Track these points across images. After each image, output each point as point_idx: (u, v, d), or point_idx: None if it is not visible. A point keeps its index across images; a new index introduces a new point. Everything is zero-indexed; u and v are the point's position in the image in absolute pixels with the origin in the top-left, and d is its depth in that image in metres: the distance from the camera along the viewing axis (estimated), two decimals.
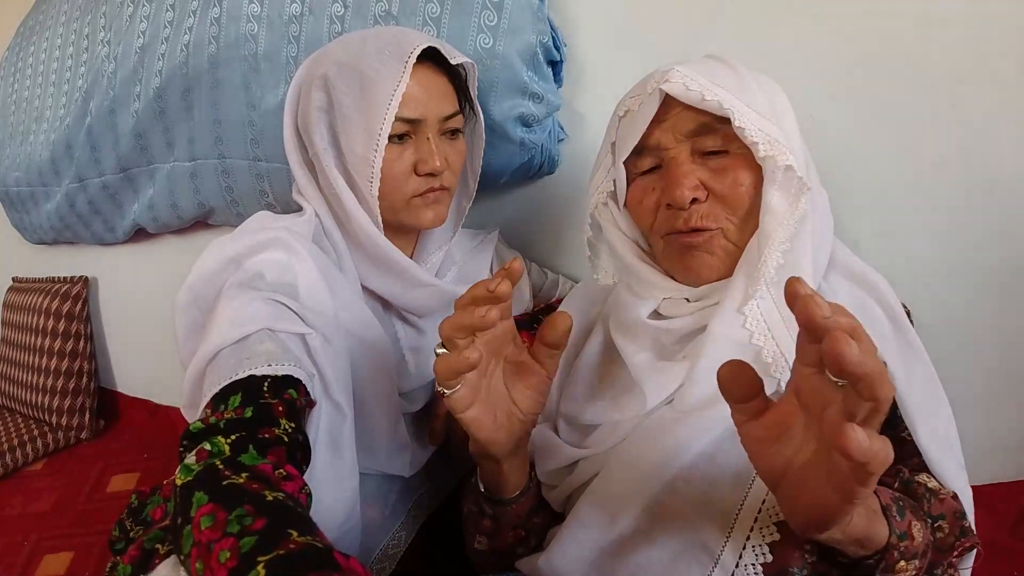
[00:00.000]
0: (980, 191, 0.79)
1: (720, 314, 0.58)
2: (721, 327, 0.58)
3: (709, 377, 0.55)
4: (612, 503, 0.59)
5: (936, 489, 0.58)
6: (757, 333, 0.57)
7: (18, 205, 1.77)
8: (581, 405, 0.69)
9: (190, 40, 1.13)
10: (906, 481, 0.59)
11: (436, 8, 0.89)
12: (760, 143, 0.56)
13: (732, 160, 0.59)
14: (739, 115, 0.56)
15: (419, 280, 0.79)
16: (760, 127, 0.56)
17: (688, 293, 0.64)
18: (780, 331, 0.57)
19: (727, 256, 0.61)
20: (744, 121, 0.56)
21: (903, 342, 0.63)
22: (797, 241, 0.58)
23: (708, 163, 0.60)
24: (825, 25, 0.83)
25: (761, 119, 0.57)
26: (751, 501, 0.55)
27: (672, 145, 0.61)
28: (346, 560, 0.39)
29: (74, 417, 1.73)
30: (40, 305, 1.79)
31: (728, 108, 0.56)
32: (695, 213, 0.60)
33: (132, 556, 0.57)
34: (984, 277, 0.81)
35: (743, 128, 0.55)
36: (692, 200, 0.59)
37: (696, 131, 0.59)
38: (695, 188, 0.59)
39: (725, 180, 0.59)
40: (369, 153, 0.69)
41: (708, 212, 0.60)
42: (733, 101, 0.56)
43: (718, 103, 0.56)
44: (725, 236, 0.61)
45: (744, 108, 0.56)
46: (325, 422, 0.65)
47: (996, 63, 0.76)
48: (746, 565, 0.54)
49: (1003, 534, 0.83)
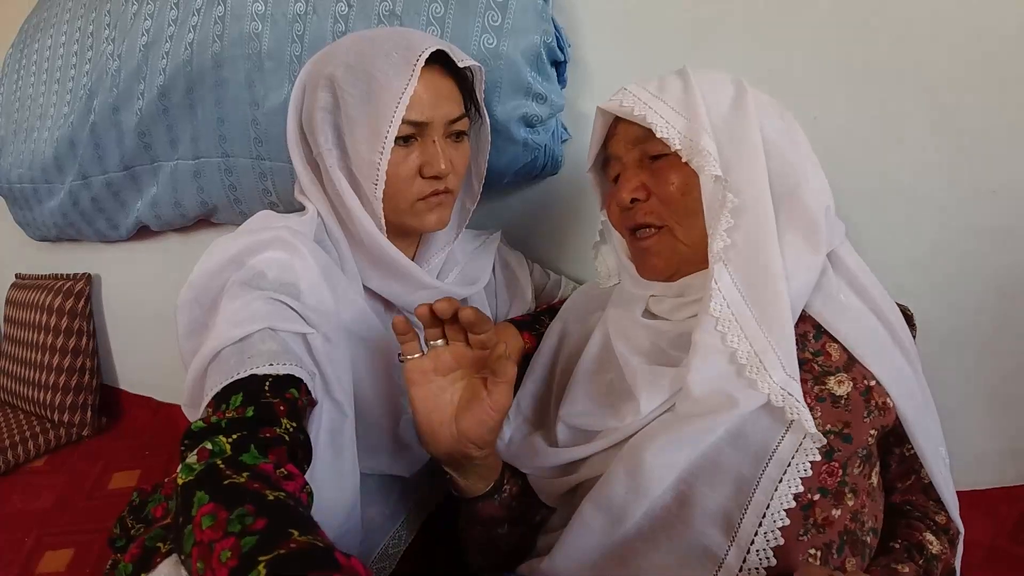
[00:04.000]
0: (981, 195, 0.79)
1: (700, 321, 0.60)
2: (701, 335, 0.59)
3: (701, 388, 0.57)
4: (615, 507, 0.60)
5: (939, 554, 0.63)
6: (730, 334, 0.58)
7: (21, 202, 1.78)
8: (580, 411, 0.69)
9: (194, 38, 1.13)
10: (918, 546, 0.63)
11: (440, 8, 0.89)
12: (683, 149, 0.62)
13: (670, 161, 0.65)
14: (661, 127, 0.63)
15: (421, 282, 0.78)
16: (687, 135, 0.62)
17: (665, 289, 0.68)
18: (751, 327, 0.58)
19: (676, 254, 0.66)
20: (667, 132, 0.63)
21: (903, 354, 0.64)
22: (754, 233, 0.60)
23: (652, 166, 0.67)
24: (827, 28, 0.83)
25: (690, 126, 0.63)
26: (755, 505, 0.56)
27: (623, 153, 0.69)
28: (347, 559, 0.39)
29: (76, 414, 1.74)
30: (43, 302, 1.79)
31: (651, 121, 0.63)
32: (638, 211, 0.67)
33: (133, 555, 0.57)
34: (985, 280, 0.81)
35: (667, 138, 0.63)
36: (633, 200, 0.66)
37: (641, 138, 0.67)
38: (635, 189, 0.66)
39: (660, 180, 0.65)
40: (374, 156, 0.69)
41: (650, 210, 0.66)
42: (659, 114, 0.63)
43: (643, 116, 0.64)
44: (673, 234, 0.66)
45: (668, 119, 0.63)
46: (326, 421, 0.65)
47: (997, 67, 0.76)
48: (750, 569, 0.54)
49: (1004, 538, 0.83)
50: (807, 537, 0.56)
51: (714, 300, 0.58)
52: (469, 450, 0.63)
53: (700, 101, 0.63)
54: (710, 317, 0.58)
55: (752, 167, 0.61)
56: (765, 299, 0.59)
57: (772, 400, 0.56)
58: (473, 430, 0.61)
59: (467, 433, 0.62)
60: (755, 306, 0.59)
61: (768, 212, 0.61)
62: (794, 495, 0.56)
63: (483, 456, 0.65)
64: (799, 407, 0.56)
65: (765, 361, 0.57)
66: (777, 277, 0.59)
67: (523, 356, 0.84)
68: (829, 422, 0.59)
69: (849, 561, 0.58)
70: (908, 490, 0.69)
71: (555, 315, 0.84)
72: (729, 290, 0.59)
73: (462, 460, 0.65)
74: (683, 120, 0.63)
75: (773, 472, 0.57)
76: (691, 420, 0.58)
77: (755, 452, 0.58)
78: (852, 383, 0.60)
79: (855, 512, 0.59)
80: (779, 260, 0.59)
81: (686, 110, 0.64)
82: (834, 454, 0.58)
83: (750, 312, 0.59)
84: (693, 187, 0.63)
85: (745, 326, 0.58)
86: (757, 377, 0.56)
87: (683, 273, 0.67)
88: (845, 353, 0.62)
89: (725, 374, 0.58)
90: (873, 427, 0.60)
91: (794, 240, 0.61)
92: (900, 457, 0.68)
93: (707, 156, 0.61)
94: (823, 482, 0.57)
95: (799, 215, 0.61)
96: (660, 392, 0.62)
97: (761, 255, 0.59)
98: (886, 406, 0.60)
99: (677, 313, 0.67)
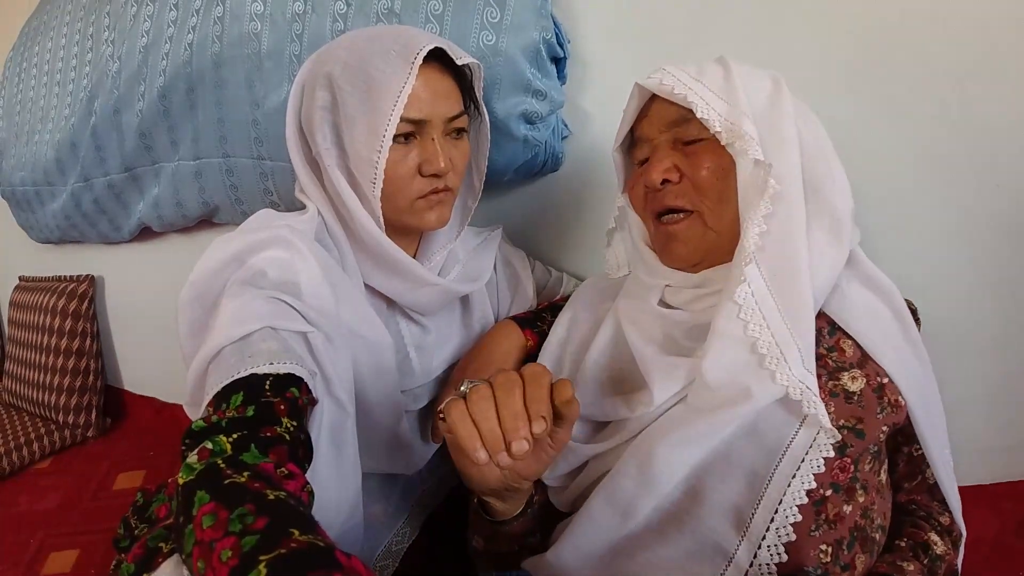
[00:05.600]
0: (986, 189, 0.79)
1: (721, 308, 0.59)
2: (722, 322, 0.58)
3: (716, 376, 0.56)
4: (624, 500, 0.59)
5: (943, 554, 0.63)
6: (752, 323, 0.57)
7: (24, 205, 1.78)
8: (591, 401, 0.68)
9: (194, 39, 1.13)
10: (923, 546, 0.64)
11: (439, 5, 0.89)
12: (724, 132, 0.61)
13: (705, 146, 0.63)
14: (702, 108, 0.61)
15: (423, 279, 0.78)
16: (727, 118, 0.61)
17: (684, 280, 0.67)
18: (774, 317, 0.57)
19: (704, 241, 0.64)
20: (707, 113, 0.61)
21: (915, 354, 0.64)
22: (785, 223, 0.59)
23: (685, 150, 0.65)
24: (830, 22, 0.82)
25: (732, 110, 0.61)
26: (767, 501, 0.56)
27: (655, 135, 0.67)
28: (348, 559, 0.39)
29: (80, 415, 1.75)
30: (47, 304, 1.80)
31: (691, 101, 0.61)
32: (669, 193, 0.65)
33: (136, 555, 0.57)
34: (990, 275, 0.81)
35: (707, 119, 0.61)
36: (664, 181, 0.64)
37: (676, 121, 0.65)
38: (667, 171, 0.64)
39: (694, 163, 0.64)
40: (372, 154, 0.69)
41: (680, 192, 0.64)
42: (700, 96, 0.61)
43: (684, 96, 0.61)
44: (703, 220, 0.64)
45: (709, 101, 0.61)
46: (327, 420, 0.65)
47: (1003, 61, 0.75)
48: (760, 565, 0.54)
49: (1008, 533, 0.83)
50: (818, 533, 0.56)
51: (741, 287, 0.57)
52: (520, 485, 0.60)
53: (741, 88, 0.62)
54: (732, 304, 0.57)
55: (788, 159, 0.60)
56: (790, 292, 0.58)
57: (790, 393, 0.55)
58: (529, 468, 0.58)
59: (522, 472, 0.58)
60: (780, 298, 0.58)
61: (800, 205, 0.60)
62: (807, 491, 0.56)
63: (529, 485, 0.63)
64: (816, 401, 0.55)
65: (786, 353, 0.56)
66: (803, 271, 0.58)
67: (525, 353, 0.83)
68: (842, 418, 0.58)
69: (859, 557, 0.58)
70: (914, 490, 0.69)
71: (557, 312, 0.84)
72: (756, 279, 0.58)
73: (505, 492, 0.62)
74: (724, 104, 0.62)
75: (786, 467, 0.56)
76: (704, 414, 0.58)
77: (768, 447, 0.57)
78: (865, 379, 0.60)
79: (865, 508, 0.59)
80: (806, 254, 0.59)
81: (727, 95, 0.62)
82: (846, 450, 0.58)
83: (774, 303, 0.58)
84: (728, 173, 0.62)
85: (769, 316, 0.57)
86: (777, 369, 0.55)
87: (706, 264, 0.65)
88: (859, 350, 0.61)
89: (743, 363, 0.57)
90: (885, 424, 0.59)
91: (820, 236, 0.60)
92: (908, 457, 0.68)
93: (750, 140, 0.59)
94: (835, 478, 0.57)
95: (826, 212, 0.61)
96: (675, 382, 0.61)
97: (789, 247, 0.59)
98: (898, 403, 0.60)
99: (695, 304, 0.66)
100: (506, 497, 0.63)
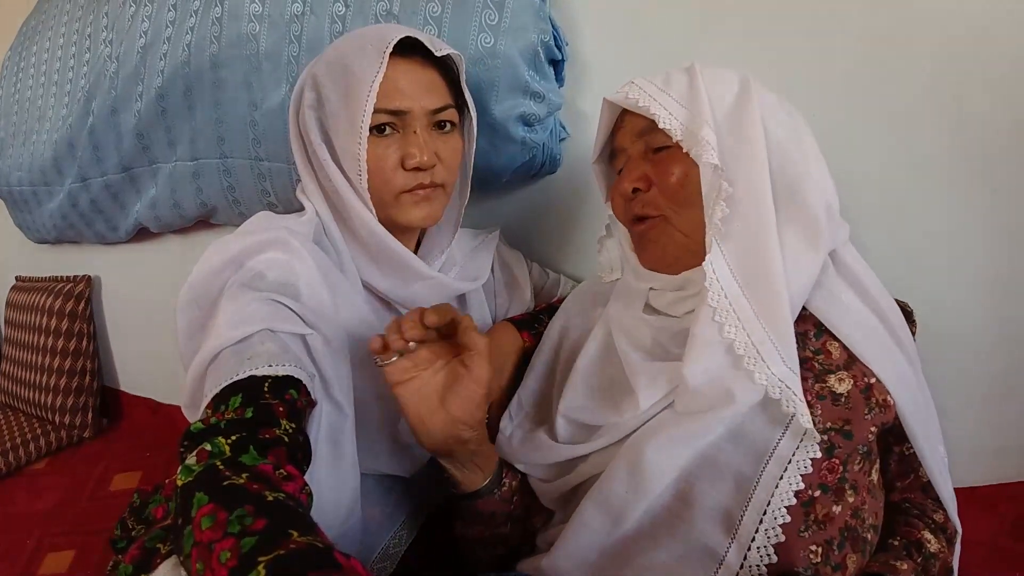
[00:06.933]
0: (982, 190, 0.79)
1: (699, 313, 0.59)
2: (700, 326, 0.59)
3: (697, 380, 0.57)
4: (615, 504, 0.60)
5: (937, 552, 0.63)
6: (728, 325, 0.58)
7: (21, 204, 1.78)
8: (581, 405, 0.69)
9: (192, 40, 1.13)
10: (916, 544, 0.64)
11: (437, 7, 0.89)
12: (684, 139, 0.63)
13: (672, 153, 0.65)
14: (664, 118, 0.63)
15: (419, 272, 0.78)
16: (688, 125, 0.63)
17: (666, 283, 0.68)
18: (749, 318, 0.58)
19: (673, 242, 0.66)
20: (669, 123, 0.63)
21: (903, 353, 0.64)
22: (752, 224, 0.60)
23: (654, 158, 0.67)
24: (827, 24, 0.82)
25: (693, 118, 0.63)
26: (756, 503, 0.56)
27: (628, 145, 0.70)
28: (347, 560, 0.39)
29: (77, 416, 1.74)
30: (43, 304, 1.80)
31: (654, 112, 0.63)
32: (638, 201, 0.67)
33: (133, 555, 0.57)
34: (986, 275, 0.81)
35: (669, 128, 0.63)
36: (634, 190, 0.67)
37: (645, 130, 0.67)
38: (637, 179, 0.66)
39: (662, 171, 0.65)
40: (353, 146, 0.70)
41: (648, 200, 0.66)
42: (662, 106, 0.64)
43: (647, 108, 0.64)
44: (671, 224, 0.66)
45: (672, 110, 0.63)
46: (326, 422, 0.65)
47: (998, 64, 0.75)
48: (751, 566, 0.55)
49: (1004, 535, 0.83)
50: (808, 534, 0.56)
51: (712, 290, 0.58)
52: (461, 432, 0.63)
53: (704, 95, 0.64)
54: (708, 308, 0.58)
55: (751, 161, 0.61)
56: (763, 292, 0.58)
57: (769, 392, 0.56)
58: (461, 408, 0.62)
59: (456, 413, 0.62)
60: (753, 299, 0.58)
61: (767, 206, 0.60)
62: (795, 492, 0.56)
63: (476, 439, 0.65)
64: (796, 400, 0.56)
65: (763, 352, 0.57)
66: (776, 272, 0.59)
67: (522, 355, 0.84)
68: (830, 419, 0.59)
69: (850, 557, 0.58)
70: (907, 488, 0.69)
71: (554, 314, 0.84)
72: (727, 281, 0.59)
73: (456, 447, 0.65)
74: (685, 112, 0.63)
75: (774, 469, 0.57)
76: (691, 417, 0.58)
77: (755, 450, 0.58)
78: (852, 381, 0.60)
79: (856, 509, 0.60)
80: (778, 255, 0.59)
81: (690, 103, 0.64)
82: (835, 451, 0.58)
83: (748, 304, 0.58)
84: (693, 178, 0.63)
85: (743, 317, 0.58)
86: (755, 368, 0.56)
87: (684, 264, 0.66)
88: (845, 351, 0.62)
89: (722, 366, 0.58)
90: (874, 424, 0.60)
91: (794, 237, 0.61)
92: (899, 456, 0.68)
93: (705, 145, 0.60)
94: (824, 479, 0.58)
95: (800, 212, 0.61)
96: (659, 387, 0.62)
97: (759, 248, 0.59)
98: (886, 403, 0.60)
99: (677, 307, 0.67)
100: (462, 460, 0.68)
